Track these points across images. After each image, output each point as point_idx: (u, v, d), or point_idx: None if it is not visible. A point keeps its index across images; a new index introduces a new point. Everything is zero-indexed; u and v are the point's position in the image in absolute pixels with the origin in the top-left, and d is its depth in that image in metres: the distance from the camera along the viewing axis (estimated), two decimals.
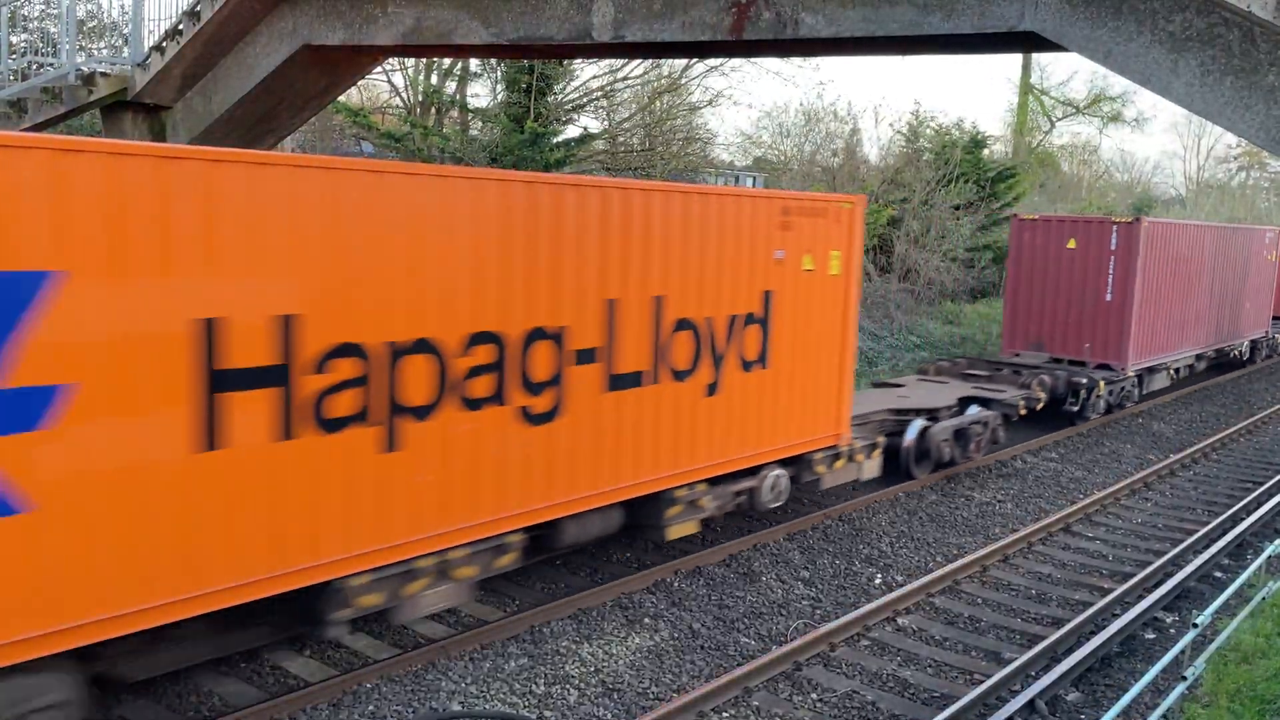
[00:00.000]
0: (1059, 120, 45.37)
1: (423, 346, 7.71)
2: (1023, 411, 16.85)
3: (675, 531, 10.42)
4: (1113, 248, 19.33)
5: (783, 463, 11.56)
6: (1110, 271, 19.41)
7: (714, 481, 10.72)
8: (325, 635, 7.89)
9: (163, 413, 6.36)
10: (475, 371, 8.09)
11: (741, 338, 10.64)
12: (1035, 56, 38.74)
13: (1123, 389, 19.75)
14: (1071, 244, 19.85)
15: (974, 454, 15.45)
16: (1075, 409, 18.70)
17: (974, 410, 15.56)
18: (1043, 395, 17.76)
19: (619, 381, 9.37)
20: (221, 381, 6.62)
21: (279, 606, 7.36)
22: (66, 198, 5.84)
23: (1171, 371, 21.98)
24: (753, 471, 11.19)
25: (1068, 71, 79.96)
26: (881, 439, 13.57)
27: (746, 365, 10.76)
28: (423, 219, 7.60)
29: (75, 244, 5.90)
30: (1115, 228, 19.41)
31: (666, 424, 9.93)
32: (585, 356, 8.99)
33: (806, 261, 11.31)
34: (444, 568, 8.21)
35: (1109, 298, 19.42)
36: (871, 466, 13.31)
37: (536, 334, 8.53)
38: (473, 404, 8.12)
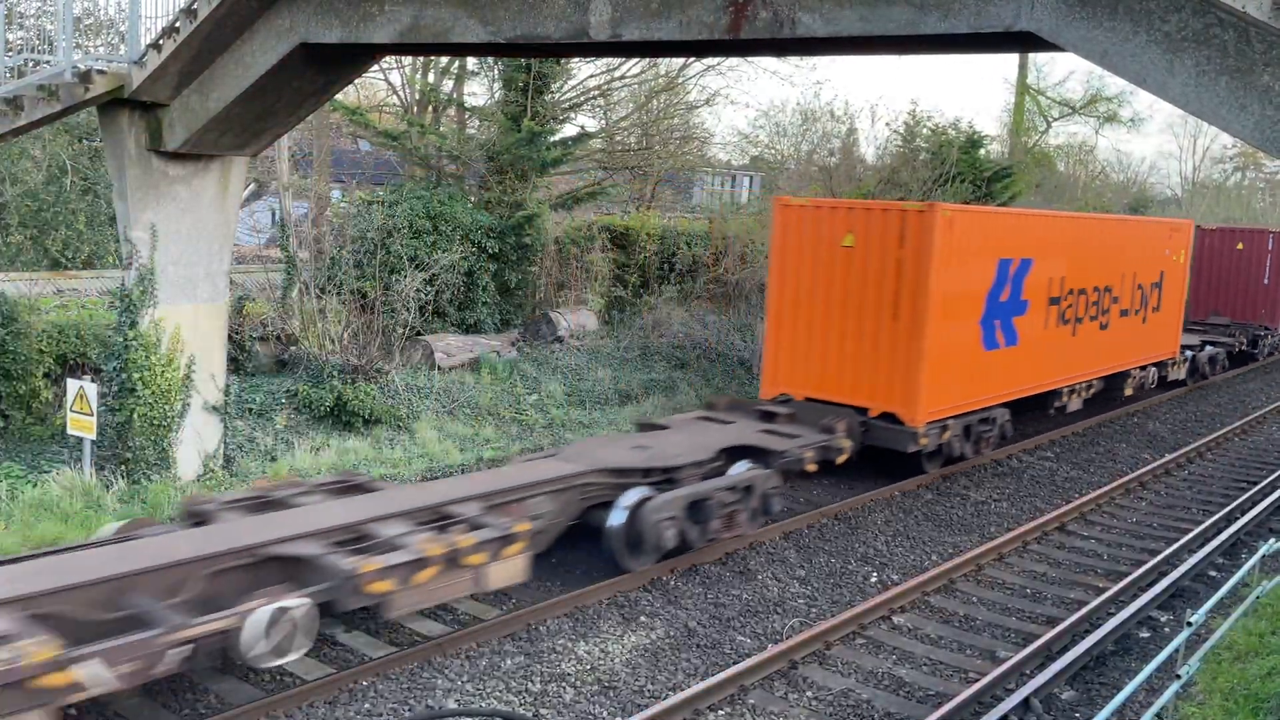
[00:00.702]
0: (1055, 120, 45.25)
1: (1081, 291, 17.44)
2: (1237, 349, 26.81)
3: (1126, 392, 20.31)
4: (1269, 248, 28.24)
5: (1155, 365, 21.32)
6: (1268, 264, 28.25)
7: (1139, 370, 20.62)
8: (1046, 414, 18.16)
9: (1039, 313, 16.19)
10: (1093, 304, 17.84)
11: (1153, 294, 20.42)
12: (1032, 56, 38.72)
13: (1276, 343, 28.96)
14: (1240, 246, 28.66)
15: (1218, 372, 25.58)
16: (1257, 352, 27.86)
17: (1210, 348, 25.07)
18: (1245, 340, 27.30)
19: (1123, 313, 19.25)
20: (1051, 301, 16.46)
21: (1032, 401, 17.00)
22: (1036, 236, 16.06)
23: None
24: (1143, 368, 20.74)
25: (1064, 71, 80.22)
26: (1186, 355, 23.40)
27: (1154, 309, 20.55)
28: (1085, 237, 17.67)
29: (1032, 248, 15.67)
30: (1272, 235, 28.52)
31: (1128, 336, 19.68)
32: (1115, 299, 18.84)
33: (1173, 256, 21.12)
34: (1079, 392, 18.18)
35: (1266, 282, 28.42)
36: (1185, 371, 22.84)
37: (1105, 289, 18.40)
38: (1092, 318, 18.00)
